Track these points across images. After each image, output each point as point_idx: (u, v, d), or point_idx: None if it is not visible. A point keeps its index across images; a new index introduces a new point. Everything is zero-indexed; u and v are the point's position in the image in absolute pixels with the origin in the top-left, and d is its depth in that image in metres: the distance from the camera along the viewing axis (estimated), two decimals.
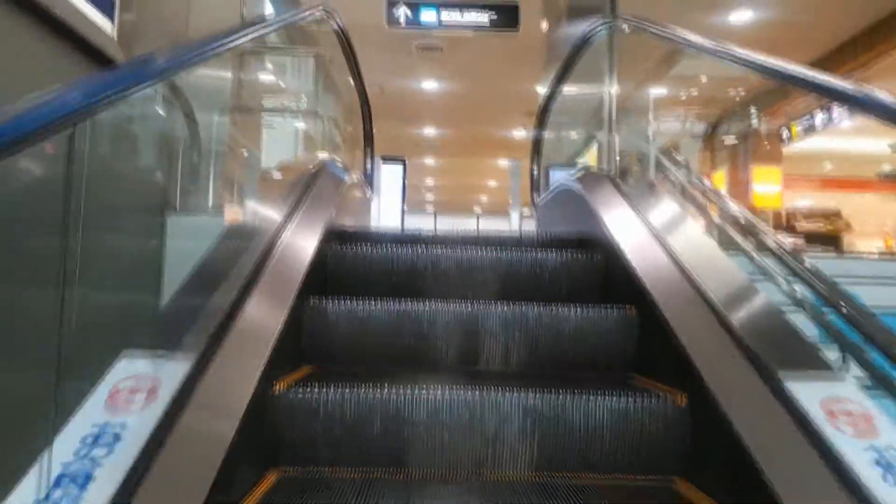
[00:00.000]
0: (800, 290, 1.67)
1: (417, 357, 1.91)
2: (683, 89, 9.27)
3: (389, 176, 10.74)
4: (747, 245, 2.09)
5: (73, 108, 0.95)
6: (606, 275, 2.31)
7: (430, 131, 12.35)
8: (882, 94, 1.16)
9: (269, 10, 7.07)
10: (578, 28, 4.89)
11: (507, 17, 5.83)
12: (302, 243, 2.13)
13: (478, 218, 25.74)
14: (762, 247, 1.97)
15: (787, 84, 1.83)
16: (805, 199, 12.65)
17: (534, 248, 2.50)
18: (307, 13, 2.88)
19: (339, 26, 3.35)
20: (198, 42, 1.89)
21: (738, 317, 1.50)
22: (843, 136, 10.48)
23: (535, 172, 4.21)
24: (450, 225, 26.42)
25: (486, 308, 1.95)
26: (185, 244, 3.22)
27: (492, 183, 18.10)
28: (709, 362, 1.42)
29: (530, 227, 6.47)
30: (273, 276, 1.80)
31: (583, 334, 1.91)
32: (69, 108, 0.94)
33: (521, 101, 10.17)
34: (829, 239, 10.32)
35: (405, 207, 14.93)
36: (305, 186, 2.62)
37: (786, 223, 10.61)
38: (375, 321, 1.96)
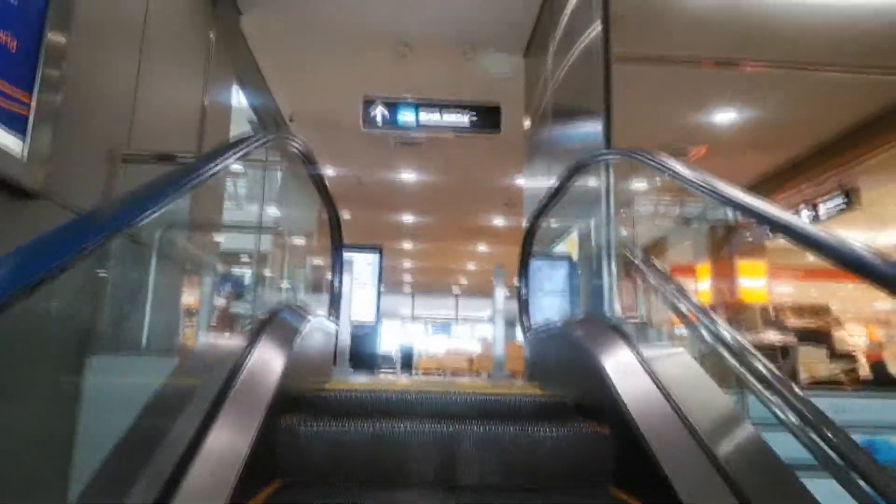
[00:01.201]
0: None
1: None
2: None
3: (364, 265, 10.26)
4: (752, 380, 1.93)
5: None
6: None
7: (408, 218, 12.02)
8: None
9: (236, 100, 6.78)
10: (564, 130, 4.59)
11: (489, 119, 5.56)
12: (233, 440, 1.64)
13: (457, 299, 25.30)
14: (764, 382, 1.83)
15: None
16: (785, 287, 12.50)
17: (535, 423, 2.07)
18: (265, 139, 2.44)
19: (301, 152, 2.92)
20: (141, 193, 1.45)
21: None
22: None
23: (524, 293, 3.73)
24: (428, 307, 25.82)
25: None
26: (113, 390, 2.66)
27: (471, 266, 17.73)
28: None
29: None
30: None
31: None
32: None
33: (501, 193, 9.93)
34: (819, 335, 10.01)
35: (382, 289, 14.41)
36: (245, 350, 2.11)
37: (774, 318, 10.31)
38: None
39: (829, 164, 8.11)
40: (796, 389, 1.68)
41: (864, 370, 10.53)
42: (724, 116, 7.17)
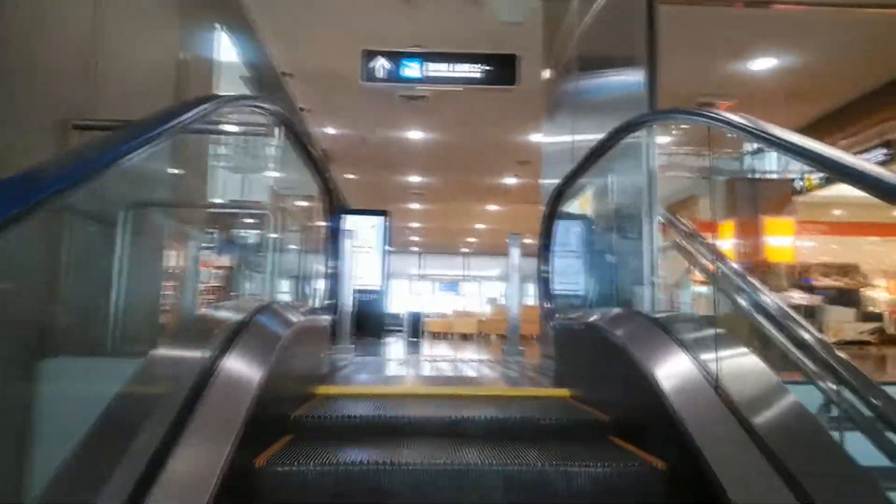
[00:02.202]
0: None
1: None
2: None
3: (369, 229, 9.81)
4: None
5: None
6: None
7: (415, 178, 11.48)
8: None
9: (225, 54, 6.19)
10: (594, 81, 4.02)
11: (504, 70, 4.98)
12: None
13: (465, 258, 24.90)
14: None
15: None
16: (808, 242, 11.99)
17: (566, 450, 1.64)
18: (201, 107, 1.92)
19: (278, 119, 2.41)
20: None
21: None
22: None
23: (547, 275, 3.27)
24: (436, 267, 25.58)
25: None
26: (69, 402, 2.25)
27: (480, 226, 17.23)
28: None
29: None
30: None
31: None
32: None
33: (514, 149, 9.35)
34: (848, 295, 9.55)
35: (388, 250, 14.03)
36: (210, 367, 1.71)
37: (800, 278, 9.82)
38: None
39: (872, 115, 7.47)
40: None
41: (891, 329, 10.11)
42: (760, 65, 6.52)
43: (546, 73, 5.34)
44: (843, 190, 9.71)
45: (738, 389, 1.78)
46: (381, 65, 4.95)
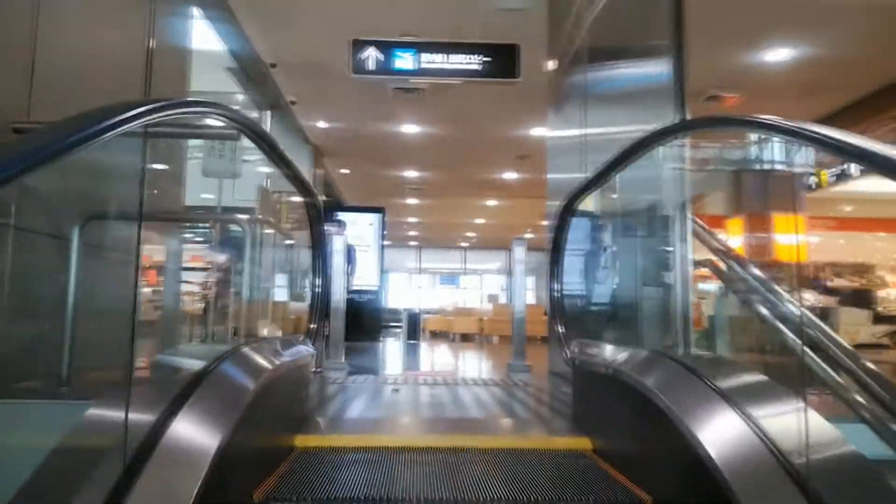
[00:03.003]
0: None
1: None
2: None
3: (365, 226, 9.44)
4: None
5: None
6: None
7: (411, 173, 11.09)
8: None
9: (206, 42, 5.78)
10: (608, 72, 3.65)
11: (504, 63, 4.58)
12: None
13: (464, 252, 24.55)
14: None
15: None
16: (814, 238, 11.68)
17: None
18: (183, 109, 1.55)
19: (246, 128, 2.02)
20: None
21: None
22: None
23: (558, 294, 2.91)
24: (435, 261, 25.29)
25: None
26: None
27: (479, 221, 16.85)
28: None
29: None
30: None
31: None
32: None
33: (513, 144, 8.96)
34: (863, 296, 9.20)
35: (385, 246, 13.66)
36: (148, 441, 1.37)
37: (812, 278, 9.48)
38: None
39: (888, 109, 7.09)
40: None
41: None
42: (777, 55, 6.13)
43: (550, 64, 4.95)
44: (856, 186, 9.38)
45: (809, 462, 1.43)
46: (372, 56, 4.56)
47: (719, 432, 1.55)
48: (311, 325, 2.71)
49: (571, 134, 4.20)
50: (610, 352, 2.10)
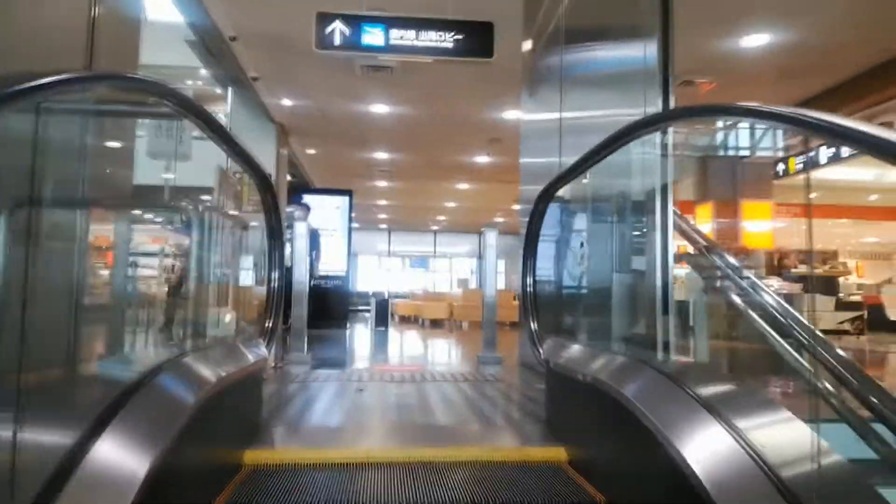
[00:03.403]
0: None
1: None
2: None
3: (332, 210, 9.17)
4: None
5: None
6: None
7: (381, 155, 10.81)
8: None
9: (161, 12, 5.41)
10: (586, 53, 3.49)
11: (478, 40, 4.37)
12: None
13: (435, 235, 24.37)
14: None
15: None
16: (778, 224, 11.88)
17: None
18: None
19: (179, 104, 1.78)
20: None
21: None
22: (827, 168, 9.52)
23: (531, 289, 2.76)
24: (406, 244, 25.09)
25: None
26: None
27: (451, 204, 16.65)
28: None
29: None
30: None
31: None
32: None
33: (486, 126, 8.77)
34: (826, 282, 9.34)
35: (353, 229, 13.36)
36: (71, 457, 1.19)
37: (777, 264, 9.57)
38: None
39: (865, 96, 7.09)
40: None
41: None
42: (754, 40, 6.04)
43: (527, 45, 4.75)
44: (823, 174, 9.45)
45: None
46: (339, 30, 4.30)
47: (704, 446, 1.43)
48: (268, 324, 2.50)
49: (547, 117, 4.03)
50: (586, 356, 1.96)
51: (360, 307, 19.40)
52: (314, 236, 8.35)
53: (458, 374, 3.89)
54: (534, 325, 2.70)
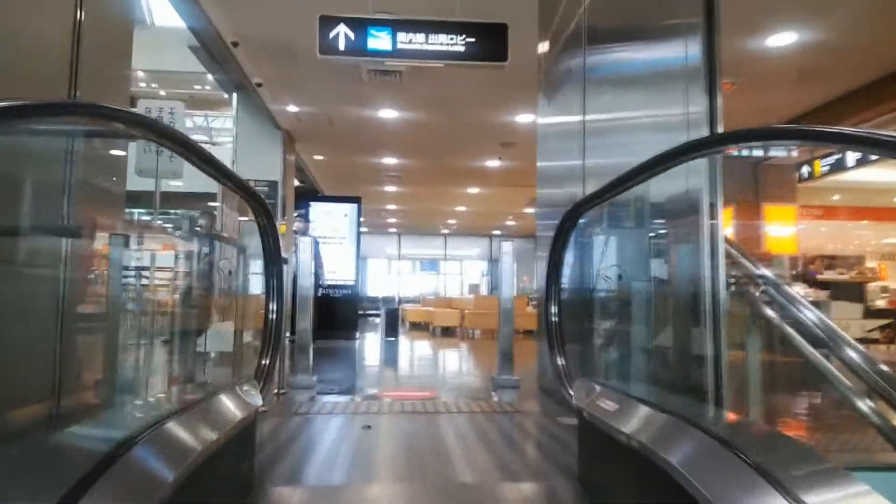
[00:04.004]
0: None
1: None
2: None
3: (340, 217, 8.93)
4: None
5: None
6: None
7: (390, 160, 10.56)
8: None
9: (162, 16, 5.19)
10: (611, 54, 3.22)
11: (490, 44, 4.10)
12: None
13: (446, 238, 24.12)
14: None
15: None
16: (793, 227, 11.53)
17: None
18: None
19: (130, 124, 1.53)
20: None
21: None
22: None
23: (556, 318, 2.48)
24: (416, 247, 24.88)
25: None
26: None
27: (461, 208, 16.38)
28: None
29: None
30: None
31: None
32: None
33: (497, 131, 8.49)
34: (853, 289, 8.98)
35: (363, 229, 13.05)
36: None
37: (803, 269, 9.22)
38: None
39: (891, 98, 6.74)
40: None
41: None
42: (780, 40, 5.73)
43: (543, 46, 4.48)
44: (848, 175, 9.08)
45: None
46: (343, 34, 4.05)
47: None
48: (264, 362, 2.24)
49: (567, 120, 3.76)
50: (627, 409, 1.68)
51: (371, 311, 19.18)
52: (315, 246, 8.13)
53: (472, 402, 3.62)
54: (560, 361, 2.42)
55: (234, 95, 8.30)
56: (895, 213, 14.25)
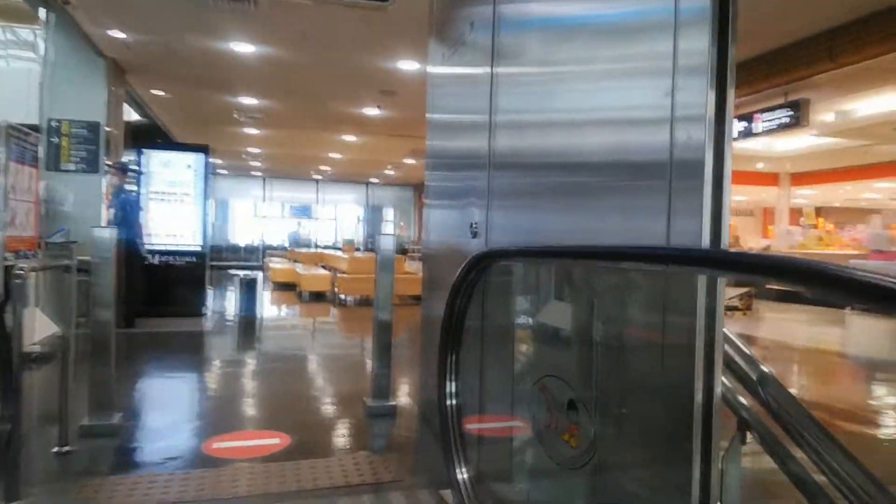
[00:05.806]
0: None
1: None
2: None
3: (183, 169, 7.45)
4: None
5: None
6: None
7: (249, 101, 9.07)
8: None
9: None
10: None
11: None
12: None
13: (318, 183, 22.56)
14: None
15: None
16: None
17: None
18: None
19: None
20: None
21: None
22: None
23: (451, 402, 1.70)
24: (285, 191, 23.08)
25: None
26: None
27: (336, 155, 15.04)
28: None
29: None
30: None
31: None
32: None
33: (376, 78, 7.40)
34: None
35: (222, 171, 11.27)
36: None
37: None
38: None
39: (777, 74, 6.56)
40: None
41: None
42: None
43: None
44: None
45: None
46: None
47: None
48: None
49: (470, 71, 2.89)
50: None
51: (232, 263, 17.43)
52: (128, 203, 6.64)
53: (334, 462, 2.77)
54: (462, 475, 1.64)
55: (43, 11, 6.42)
56: (751, 176, 15.13)
